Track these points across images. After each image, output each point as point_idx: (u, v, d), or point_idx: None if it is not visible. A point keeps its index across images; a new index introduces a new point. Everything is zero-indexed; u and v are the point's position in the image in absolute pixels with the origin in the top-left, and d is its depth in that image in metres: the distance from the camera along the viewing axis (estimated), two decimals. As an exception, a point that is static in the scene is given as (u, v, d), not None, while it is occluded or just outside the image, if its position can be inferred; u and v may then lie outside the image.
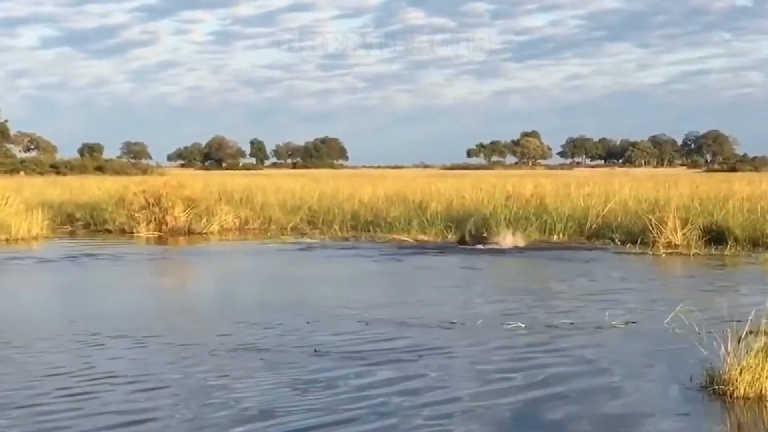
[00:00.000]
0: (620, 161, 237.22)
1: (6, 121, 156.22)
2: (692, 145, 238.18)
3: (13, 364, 12.99)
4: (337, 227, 36.87)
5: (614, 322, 15.87)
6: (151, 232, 37.26)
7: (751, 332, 11.61)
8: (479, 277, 24.09)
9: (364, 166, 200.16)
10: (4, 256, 28.41)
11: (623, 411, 10.60)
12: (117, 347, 14.15)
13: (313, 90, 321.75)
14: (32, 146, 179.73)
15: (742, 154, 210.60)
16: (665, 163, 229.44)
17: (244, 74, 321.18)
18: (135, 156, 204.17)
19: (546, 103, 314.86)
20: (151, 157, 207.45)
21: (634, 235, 30.98)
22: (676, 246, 29.51)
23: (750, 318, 11.83)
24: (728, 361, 11.11)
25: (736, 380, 11.00)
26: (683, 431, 9.93)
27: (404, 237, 33.24)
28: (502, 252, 29.72)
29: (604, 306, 17.60)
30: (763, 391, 10.98)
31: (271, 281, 23.39)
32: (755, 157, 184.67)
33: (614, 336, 15.03)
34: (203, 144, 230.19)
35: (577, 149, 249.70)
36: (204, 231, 37.51)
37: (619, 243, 31.01)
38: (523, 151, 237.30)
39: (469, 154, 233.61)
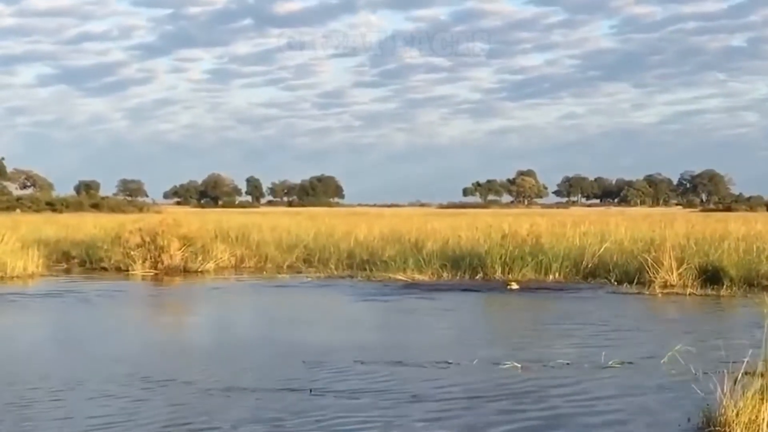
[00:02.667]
0: (616, 200, 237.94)
1: (2, 158, 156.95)
2: (688, 185, 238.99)
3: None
4: (332, 266, 36.82)
5: (610, 362, 15.84)
6: (147, 270, 37.21)
7: (747, 373, 11.62)
8: (475, 317, 24.06)
9: (360, 204, 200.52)
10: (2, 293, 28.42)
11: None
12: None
13: (310, 128, 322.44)
14: (29, 183, 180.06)
15: (737, 193, 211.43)
16: (661, 202, 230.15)
17: (240, 112, 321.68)
18: (131, 194, 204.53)
19: (542, 142, 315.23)
20: (147, 195, 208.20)
21: (630, 275, 30.96)
22: (672, 286, 29.51)
23: (746, 359, 11.83)
24: (725, 402, 11.10)
25: (733, 422, 10.98)
26: (680, 473, 9.90)
27: (400, 276, 33.22)
28: (497, 291, 29.68)
29: (601, 346, 17.56)
30: (760, 432, 10.96)
31: (268, 321, 23.37)
32: (750, 197, 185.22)
33: (611, 376, 14.99)
34: (199, 182, 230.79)
35: (572, 188, 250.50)
36: (200, 269, 37.48)
37: (615, 283, 30.99)
38: (519, 189, 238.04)
39: (465, 192, 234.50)
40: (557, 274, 33.06)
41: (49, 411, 12.58)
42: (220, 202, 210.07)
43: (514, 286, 30.47)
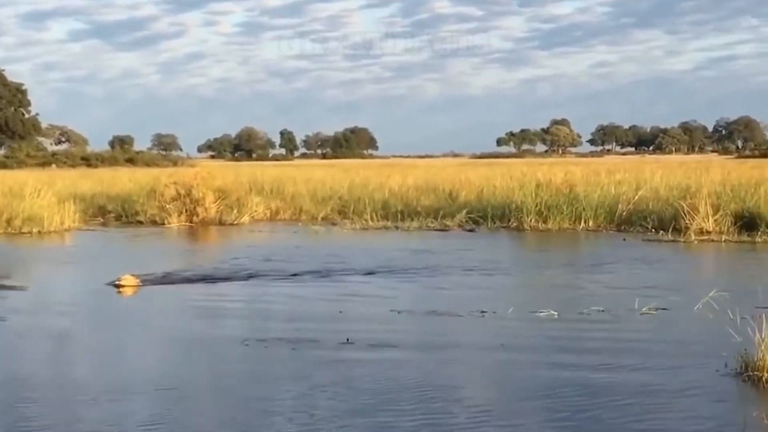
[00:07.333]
0: (651, 148, 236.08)
1: (37, 114, 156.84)
2: (723, 132, 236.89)
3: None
4: (367, 217, 36.79)
5: (645, 309, 15.80)
6: (183, 223, 37.34)
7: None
8: (510, 265, 23.99)
9: (393, 156, 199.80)
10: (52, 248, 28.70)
11: (658, 396, 10.55)
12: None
13: (341, 80, 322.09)
14: (63, 139, 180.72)
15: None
16: (696, 149, 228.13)
17: (272, 65, 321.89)
18: (165, 148, 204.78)
19: (574, 90, 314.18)
20: (181, 149, 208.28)
21: (665, 223, 30.77)
22: (708, 233, 29.35)
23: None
24: (762, 347, 11.06)
25: (771, 366, 10.95)
26: (719, 416, 9.87)
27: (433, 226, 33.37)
28: (531, 239, 29.61)
29: (635, 293, 17.46)
30: (798, 377, 10.92)
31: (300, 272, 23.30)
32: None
33: (645, 323, 14.98)
34: (233, 135, 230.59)
35: (607, 137, 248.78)
36: (235, 222, 37.59)
37: (650, 230, 30.81)
38: (553, 139, 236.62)
39: (499, 142, 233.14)
40: (592, 222, 32.99)
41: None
42: (254, 155, 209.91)
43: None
